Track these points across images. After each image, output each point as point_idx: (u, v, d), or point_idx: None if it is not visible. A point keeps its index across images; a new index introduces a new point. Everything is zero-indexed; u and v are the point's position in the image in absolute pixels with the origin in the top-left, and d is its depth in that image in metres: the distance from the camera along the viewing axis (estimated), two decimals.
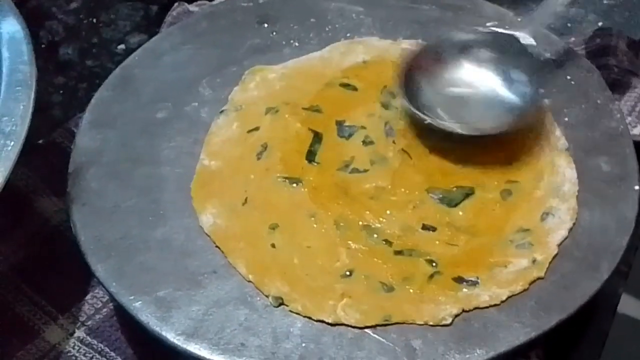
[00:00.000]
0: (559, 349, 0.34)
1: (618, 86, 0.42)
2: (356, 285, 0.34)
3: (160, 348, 0.33)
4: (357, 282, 0.34)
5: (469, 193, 0.37)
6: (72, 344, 0.36)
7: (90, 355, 0.36)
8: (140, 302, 0.34)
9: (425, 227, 0.35)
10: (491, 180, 0.37)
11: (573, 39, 0.45)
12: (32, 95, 0.36)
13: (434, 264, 0.34)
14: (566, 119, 0.39)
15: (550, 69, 0.41)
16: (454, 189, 0.37)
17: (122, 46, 0.48)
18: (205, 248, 0.36)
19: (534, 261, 0.34)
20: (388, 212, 0.36)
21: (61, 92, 0.46)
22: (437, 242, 0.35)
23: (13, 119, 0.35)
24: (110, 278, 0.34)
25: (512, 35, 0.39)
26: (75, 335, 0.36)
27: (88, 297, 0.37)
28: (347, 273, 0.34)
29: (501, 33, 0.40)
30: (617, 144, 0.38)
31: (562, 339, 0.34)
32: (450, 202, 0.36)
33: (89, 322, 0.36)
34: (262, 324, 0.33)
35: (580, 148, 0.38)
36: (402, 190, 0.36)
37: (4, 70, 0.37)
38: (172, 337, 0.33)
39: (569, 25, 0.47)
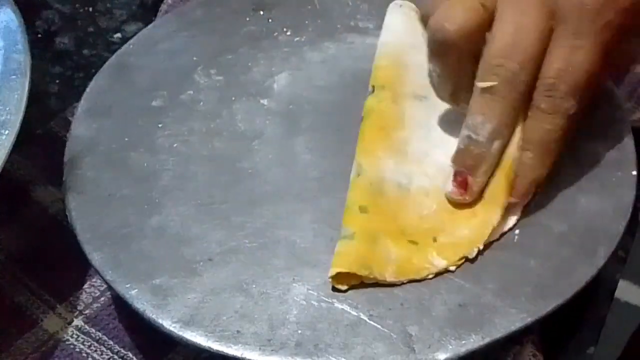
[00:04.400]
0: (555, 335, 0.34)
1: None
2: None
3: (157, 336, 0.33)
4: None
5: None
6: (71, 333, 0.36)
7: (89, 343, 0.36)
8: (136, 290, 0.34)
9: None
10: None
11: None
12: (27, 84, 0.36)
13: None
14: None
15: None
16: None
17: (118, 35, 0.48)
18: (201, 236, 0.36)
19: None
20: None
21: (57, 81, 0.46)
22: None
23: (8, 108, 0.35)
24: (107, 266, 0.34)
25: None
26: (74, 324, 0.36)
27: (86, 285, 0.37)
28: None
29: None
30: (616, 129, 0.38)
31: (558, 325, 0.34)
32: None
33: (87, 311, 0.37)
34: (258, 311, 0.33)
35: (579, 133, 0.38)
36: None
37: None
38: (169, 324, 0.33)
39: None
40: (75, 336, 0.36)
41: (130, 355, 0.35)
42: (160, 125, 0.40)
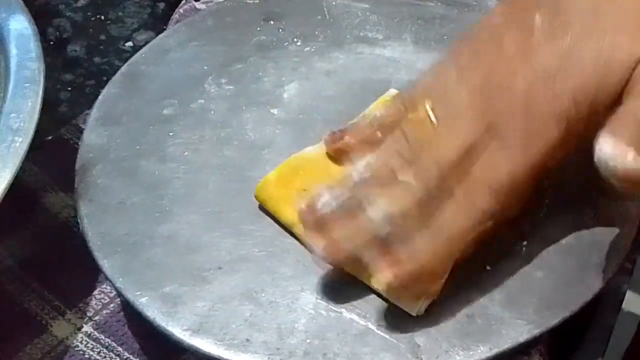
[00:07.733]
0: (562, 346, 0.34)
1: None
2: None
3: (166, 343, 0.34)
4: None
5: None
6: (80, 339, 0.36)
7: (98, 349, 0.36)
8: (146, 298, 0.34)
9: None
10: None
11: None
12: (40, 92, 0.36)
13: None
14: None
15: None
16: None
17: (129, 43, 0.48)
18: (211, 244, 0.36)
19: None
20: None
21: (69, 89, 0.46)
22: None
23: (21, 116, 0.35)
24: (117, 274, 0.35)
25: None
26: (83, 330, 0.36)
27: (96, 292, 0.37)
28: None
29: None
30: None
31: (565, 336, 0.34)
32: None
33: (97, 317, 0.37)
34: (267, 320, 0.33)
35: (587, 146, 0.38)
36: None
37: (12, 67, 0.37)
38: (178, 332, 0.33)
39: None
40: (84, 342, 0.36)
41: None
42: (171, 134, 0.40)
